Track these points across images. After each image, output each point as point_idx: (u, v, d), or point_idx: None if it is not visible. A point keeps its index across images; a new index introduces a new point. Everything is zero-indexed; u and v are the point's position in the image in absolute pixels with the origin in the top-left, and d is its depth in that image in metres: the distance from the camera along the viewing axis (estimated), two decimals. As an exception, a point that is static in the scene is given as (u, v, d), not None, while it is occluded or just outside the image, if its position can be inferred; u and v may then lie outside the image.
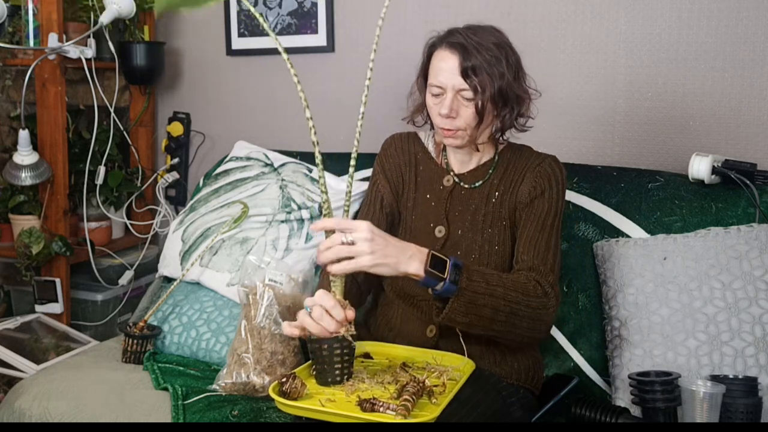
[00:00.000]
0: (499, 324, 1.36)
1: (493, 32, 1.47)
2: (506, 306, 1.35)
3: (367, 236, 1.25)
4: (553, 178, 1.51)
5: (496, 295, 1.34)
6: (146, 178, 2.53)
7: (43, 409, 1.54)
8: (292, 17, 2.35)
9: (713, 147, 1.89)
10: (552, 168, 1.52)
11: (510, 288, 1.36)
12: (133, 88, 2.52)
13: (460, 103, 1.45)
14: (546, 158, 1.54)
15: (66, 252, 2.19)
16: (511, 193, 1.53)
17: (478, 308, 1.33)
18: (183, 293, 1.87)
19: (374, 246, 1.25)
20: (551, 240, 1.47)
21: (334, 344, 1.27)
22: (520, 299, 1.36)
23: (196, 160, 2.58)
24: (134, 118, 2.55)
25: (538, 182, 1.50)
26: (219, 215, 1.94)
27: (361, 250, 1.25)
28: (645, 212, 1.73)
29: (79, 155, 2.34)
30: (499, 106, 1.46)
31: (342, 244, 1.25)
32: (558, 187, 1.51)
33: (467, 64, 1.41)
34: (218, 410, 1.47)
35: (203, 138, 2.56)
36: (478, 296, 1.32)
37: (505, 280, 1.37)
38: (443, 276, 1.29)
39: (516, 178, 1.53)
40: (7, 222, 2.30)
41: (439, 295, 1.33)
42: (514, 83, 1.45)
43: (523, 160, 1.55)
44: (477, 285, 1.32)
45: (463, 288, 1.31)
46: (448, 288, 1.30)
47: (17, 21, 2.21)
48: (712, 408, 1.35)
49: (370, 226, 1.27)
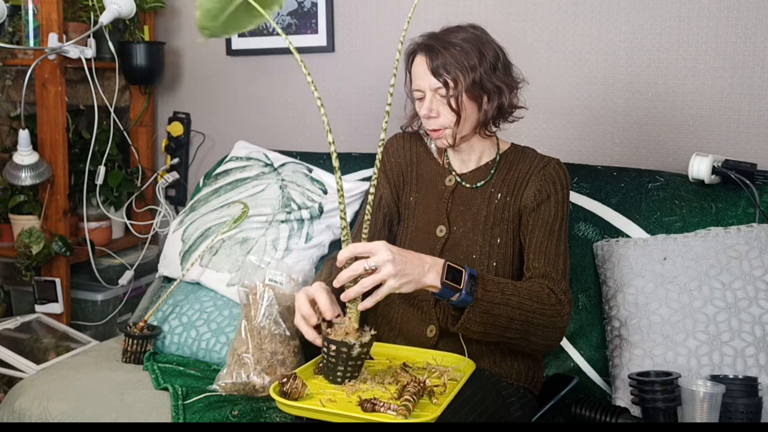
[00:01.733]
0: (514, 332, 1.37)
1: (467, 29, 1.49)
2: (521, 315, 1.35)
3: (388, 257, 1.24)
4: (558, 182, 1.51)
5: (511, 304, 1.34)
6: (146, 178, 2.53)
7: (43, 409, 1.54)
8: (292, 17, 2.35)
9: (713, 147, 1.89)
10: (557, 171, 1.52)
11: (525, 297, 1.36)
12: (133, 88, 2.52)
13: (439, 102, 1.47)
14: (550, 161, 1.54)
15: (66, 252, 2.19)
16: (515, 196, 1.52)
17: (494, 317, 1.33)
18: (183, 293, 1.87)
19: (397, 266, 1.24)
20: (560, 245, 1.48)
21: (342, 348, 1.26)
22: (536, 308, 1.37)
23: (196, 160, 2.58)
24: (134, 118, 2.55)
25: (543, 186, 1.50)
26: (219, 215, 1.94)
27: (386, 274, 1.24)
28: (645, 212, 1.73)
29: (79, 155, 2.34)
30: (478, 98, 1.47)
31: (364, 271, 1.24)
32: (563, 190, 1.51)
33: (436, 63, 1.45)
34: (218, 410, 1.47)
35: (203, 138, 2.56)
36: (494, 306, 1.32)
37: (520, 289, 1.37)
38: (459, 287, 1.30)
39: (520, 181, 1.53)
40: (7, 222, 2.30)
41: (455, 306, 1.33)
42: (491, 74, 1.46)
43: (526, 163, 1.55)
44: (492, 295, 1.32)
45: (478, 298, 1.31)
46: (464, 299, 1.30)
47: (17, 21, 2.21)
48: (712, 408, 1.35)
49: (387, 245, 1.26)
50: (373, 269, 1.24)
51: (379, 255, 1.24)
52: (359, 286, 1.25)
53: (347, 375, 1.29)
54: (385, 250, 1.25)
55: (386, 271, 1.24)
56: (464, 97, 1.45)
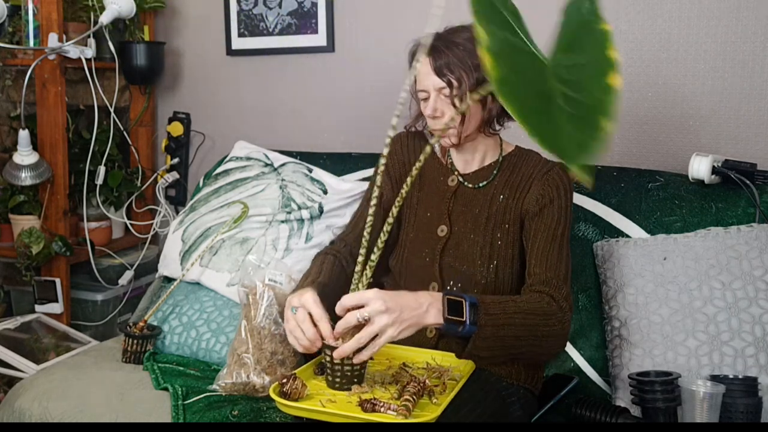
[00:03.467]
0: (521, 348, 1.37)
1: (470, 29, 1.47)
2: (526, 331, 1.35)
3: (380, 307, 1.21)
4: (561, 186, 1.50)
5: (515, 323, 1.33)
6: (146, 178, 2.53)
7: (43, 409, 1.54)
8: (292, 17, 2.35)
9: (713, 147, 1.89)
10: (560, 176, 1.51)
11: (527, 312, 1.36)
12: (133, 88, 2.52)
13: (444, 102, 1.47)
14: (554, 166, 1.53)
15: (66, 252, 2.19)
16: (518, 199, 1.52)
17: (501, 339, 1.33)
18: (183, 293, 1.87)
19: (392, 315, 1.22)
20: (562, 251, 1.47)
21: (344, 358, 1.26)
22: (539, 321, 1.36)
23: (196, 160, 2.58)
24: (134, 118, 2.55)
25: (546, 191, 1.49)
26: (219, 215, 1.94)
27: (382, 325, 1.21)
28: (645, 212, 1.73)
29: (79, 155, 2.34)
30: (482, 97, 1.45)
31: (357, 322, 1.22)
32: (566, 195, 1.51)
33: (440, 62, 1.44)
34: (218, 410, 1.47)
35: (203, 138, 2.56)
36: (499, 328, 1.32)
37: (521, 305, 1.37)
38: (463, 320, 1.28)
39: (522, 185, 1.53)
40: (7, 222, 2.30)
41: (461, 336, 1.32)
42: None
43: (530, 167, 1.54)
44: (496, 318, 1.31)
45: (482, 325, 1.29)
46: (469, 329, 1.29)
47: (17, 21, 2.21)
48: (712, 408, 1.35)
49: (378, 293, 1.23)
50: (366, 320, 1.22)
51: (372, 306, 1.21)
52: (355, 341, 1.21)
53: (344, 381, 1.27)
54: (377, 300, 1.21)
55: (381, 322, 1.21)
56: (468, 97, 1.44)
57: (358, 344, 1.22)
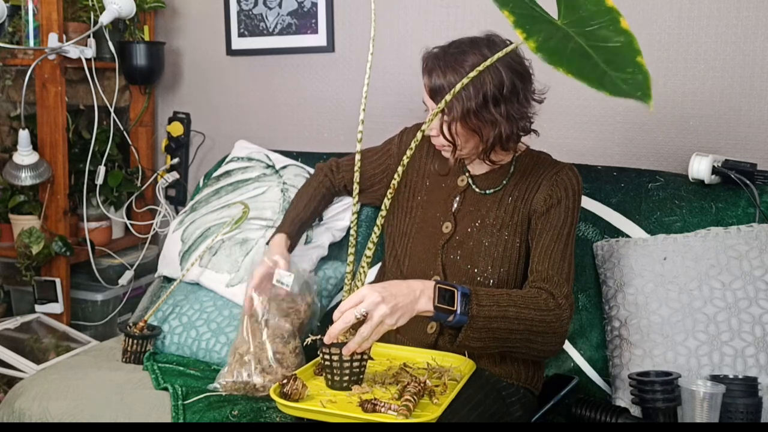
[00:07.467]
0: (514, 342, 1.36)
1: (479, 49, 1.41)
2: (520, 324, 1.34)
3: (376, 299, 1.23)
4: (570, 187, 1.49)
5: (508, 316, 1.33)
6: (146, 178, 2.53)
7: (43, 409, 1.54)
8: (292, 17, 2.35)
9: (713, 147, 1.89)
10: (569, 177, 1.50)
11: (522, 306, 1.35)
12: (133, 88, 2.52)
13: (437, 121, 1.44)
14: (563, 167, 1.52)
15: (66, 252, 2.19)
16: (525, 200, 1.51)
17: (492, 331, 1.32)
18: (183, 293, 1.87)
19: (389, 304, 1.23)
20: (567, 250, 1.46)
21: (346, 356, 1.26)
22: (534, 316, 1.35)
23: (196, 160, 2.58)
24: (134, 118, 2.55)
25: (554, 191, 1.49)
26: (219, 216, 1.94)
27: (381, 315, 1.23)
28: (645, 212, 1.73)
29: (79, 155, 2.34)
30: (475, 127, 1.42)
31: (356, 319, 1.23)
32: (575, 196, 1.50)
33: (434, 85, 1.42)
34: (218, 410, 1.47)
35: (203, 138, 2.56)
36: (491, 320, 1.31)
37: (516, 299, 1.35)
38: (453, 309, 1.28)
39: (532, 186, 1.51)
40: (7, 222, 2.30)
41: (452, 326, 1.32)
42: (488, 105, 1.39)
43: (540, 168, 1.53)
44: (488, 310, 1.31)
45: (474, 315, 1.29)
46: (459, 319, 1.29)
47: (17, 21, 2.21)
48: (712, 408, 1.35)
49: (371, 287, 1.25)
50: (364, 315, 1.23)
51: (368, 299, 1.23)
52: (359, 337, 1.23)
53: (353, 379, 1.28)
54: (371, 293, 1.24)
55: (380, 312, 1.23)
56: (458, 126, 1.42)
57: (363, 339, 1.23)
